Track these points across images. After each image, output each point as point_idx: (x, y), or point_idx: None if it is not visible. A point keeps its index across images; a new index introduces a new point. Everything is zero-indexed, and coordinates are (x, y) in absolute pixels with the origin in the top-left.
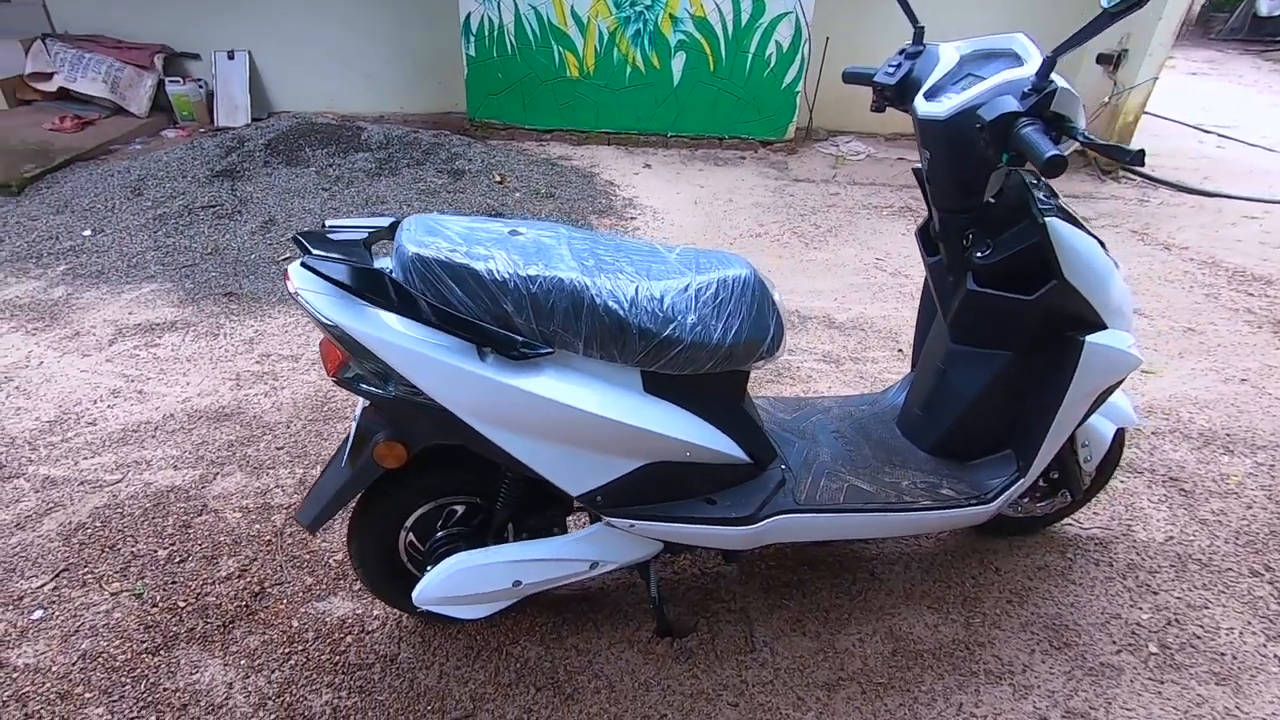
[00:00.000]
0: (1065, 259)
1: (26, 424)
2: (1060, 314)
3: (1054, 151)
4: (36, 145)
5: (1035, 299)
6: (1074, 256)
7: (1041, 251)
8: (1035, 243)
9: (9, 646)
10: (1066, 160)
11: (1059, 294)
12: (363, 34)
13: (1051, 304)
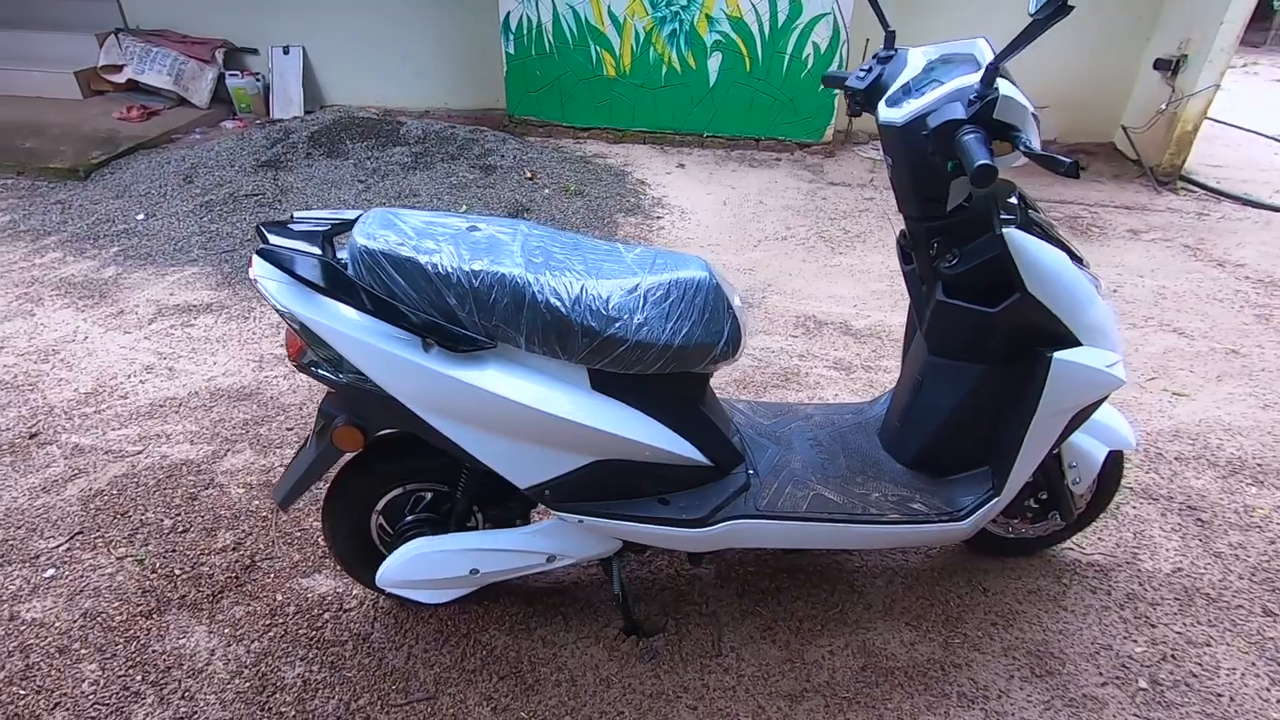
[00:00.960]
0: (1026, 272)
1: (66, 394)
2: (1028, 328)
3: (983, 161)
4: (105, 133)
5: (999, 312)
6: (1036, 270)
7: (1004, 263)
8: (997, 255)
9: (21, 601)
10: (996, 170)
11: (1023, 308)
12: (411, 31)
13: (1017, 318)
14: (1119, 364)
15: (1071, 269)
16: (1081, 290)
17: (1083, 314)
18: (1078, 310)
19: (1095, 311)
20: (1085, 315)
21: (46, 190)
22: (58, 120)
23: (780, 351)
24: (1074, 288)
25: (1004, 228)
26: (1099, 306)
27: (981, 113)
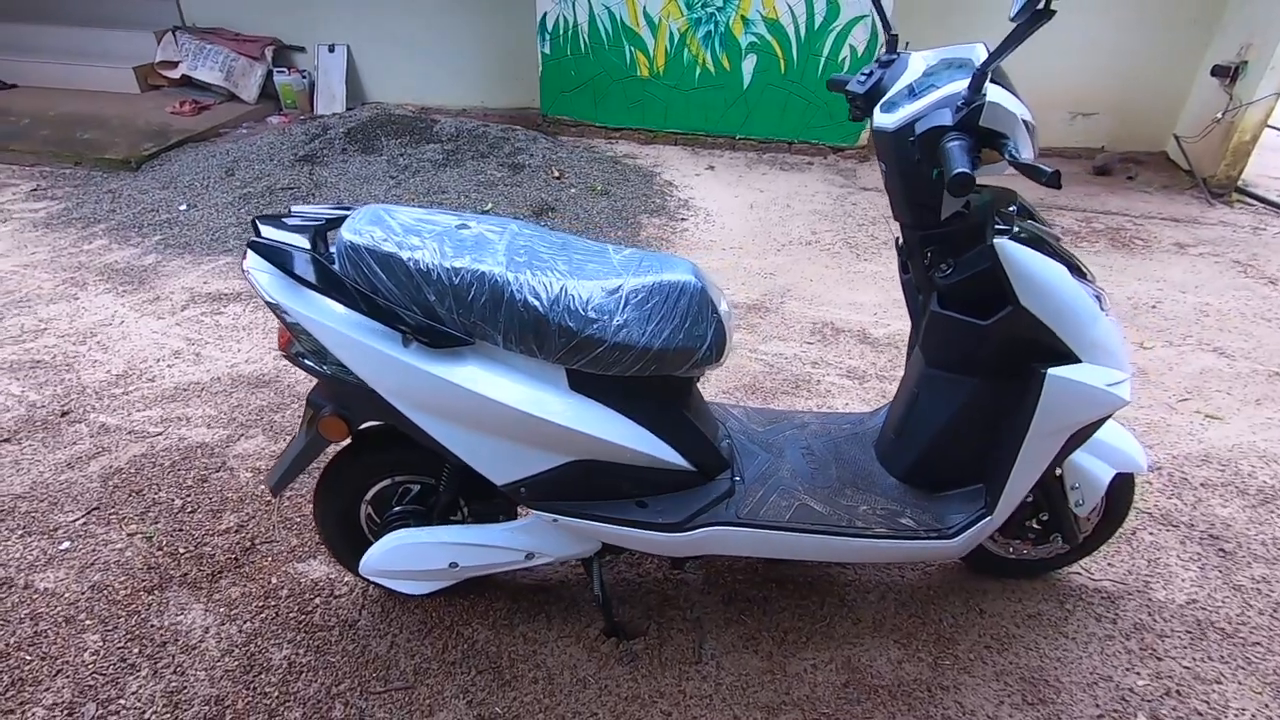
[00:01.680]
0: (1019, 284)
1: (99, 375)
2: (1022, 343)
3: (960, 169)
4: (158, 126)
5: (991, 324)
6: (1029, 282)
7: (997, 275)
8: (990, 266)
9: (36, 570)
10: (973, 179)
11: (1016, 321)
12: (451, 31)
13: (1010, 331)
14: (1123, 383)
15: (1070, 283)
16: (1080, 305)
17: (1081, 329)
18: (1075, 325)
19: (1096, 327)
20: (1084, 331)
21: (100, 180)
22: (115, 113)
23: (793, 358)
24: (1071, 302)
25: (995, 238)
26: (1101, 322)
27: (967, 119)
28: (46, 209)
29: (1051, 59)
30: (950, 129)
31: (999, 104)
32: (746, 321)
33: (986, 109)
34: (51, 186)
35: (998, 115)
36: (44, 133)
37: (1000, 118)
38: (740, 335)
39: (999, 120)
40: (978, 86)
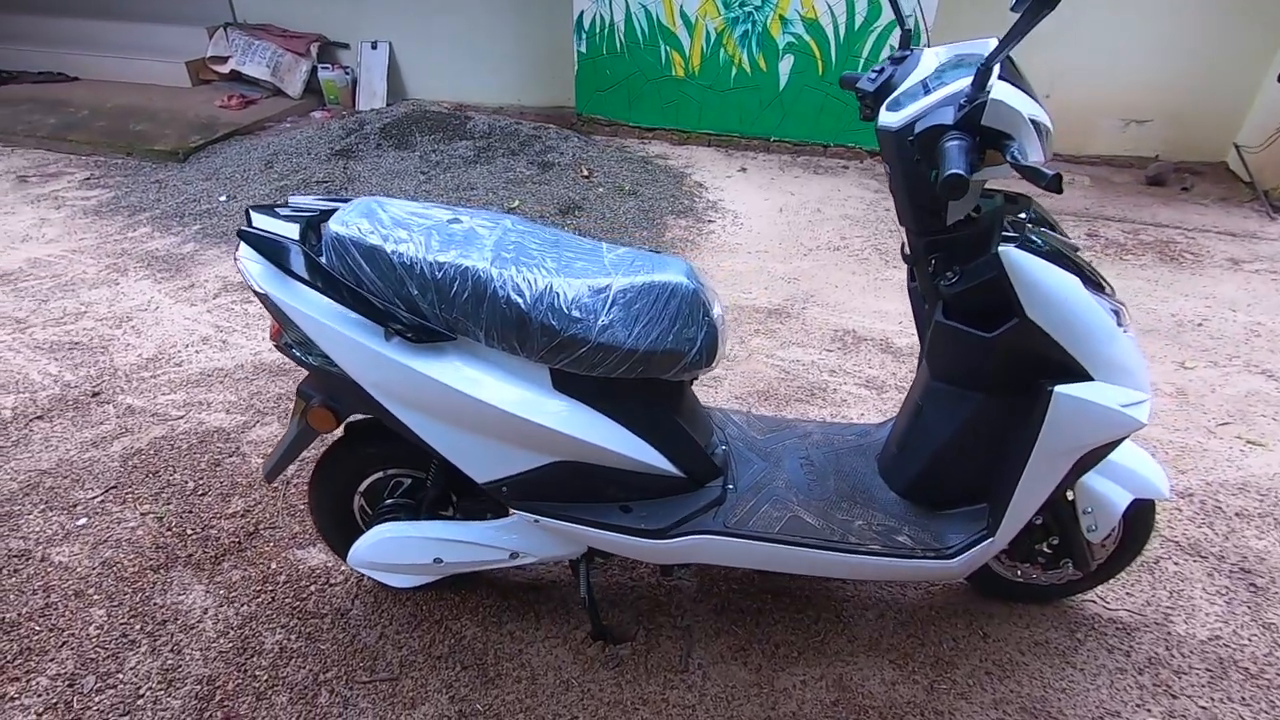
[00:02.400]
0: (1025, 295)
1: (130, 359)
2: (1029, 357)
3: (952, 170)
4: (205, 119)
5: (995, 337)
6: (1037, 294)
7: (1002, 285)
8: (996, 275)
9: (53, 544)
10: (967, 182)
11: (1022, 334)
12: (489, 30)
13: (1015, 345)
14: (1140, 405)
15: (1083, 296)
16: (1093, 319)
17: (1094, 345)
18: (1087, 341)
19: (1111, 344)
20: (1097, 347)
21: (149, 170)
22: (166, 106)
23: (811, 365)
24: (1083, 316)
25: (1001, 245)
26: (1117, 339)
27: (969, 118)
28: (97, 197)
29: (1103, 61)
30: (950, 128)
31: (1003, 102)
32: (766, 327)
33: (989, 107)
34: (104, 175)
35: (1001, 114)
36: (100, 124)
37: (1004, 116)
38: (758, 340)
39: (1003, 119)
40: (981, 83)
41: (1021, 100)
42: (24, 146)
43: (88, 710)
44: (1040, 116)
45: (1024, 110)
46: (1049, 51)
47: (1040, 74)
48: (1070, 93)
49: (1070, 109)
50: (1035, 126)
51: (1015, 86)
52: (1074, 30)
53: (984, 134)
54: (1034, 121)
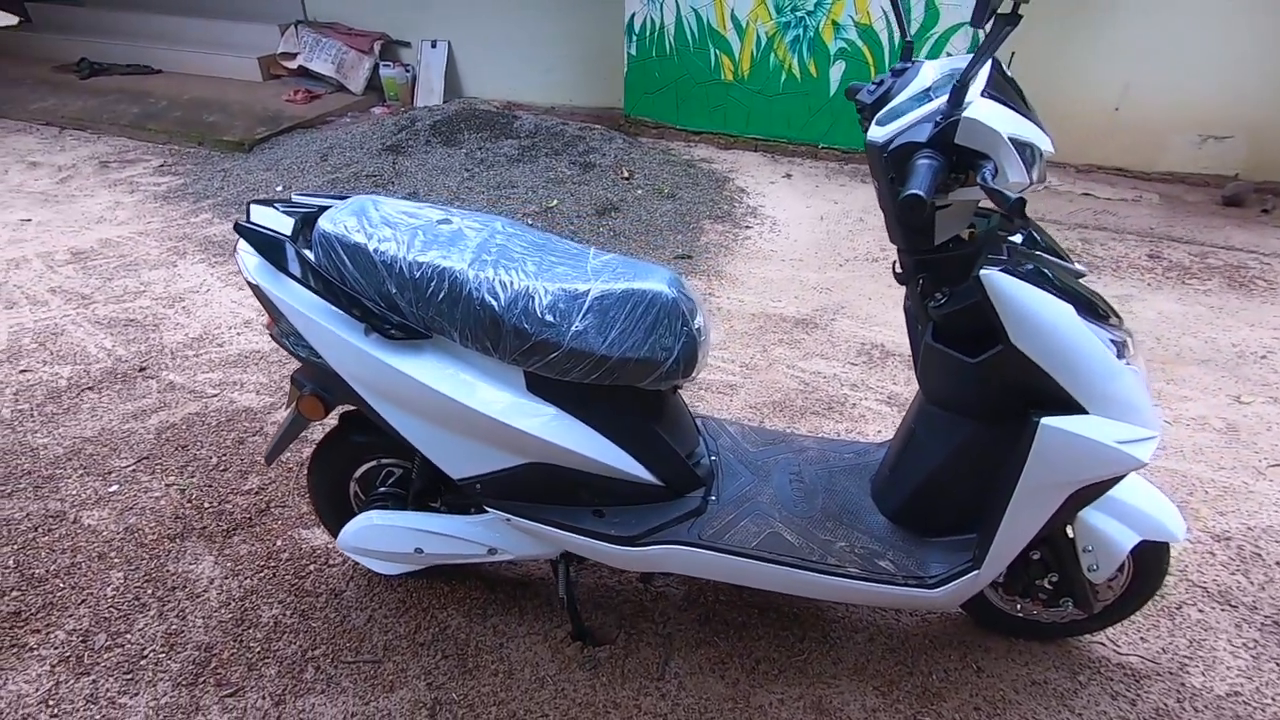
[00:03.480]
0: (1009, 320)
1: (178, 337)
2: (1015, 385)
3: (911, 190)
4: (272, 113)
5: (978, 363)
6: (1023, 320)
7: (985, 309)
8: (979, 299)
9: (85, 507)
10: (925, 203)
11: (1007, 361)
12: (544, 31)
13: (1000, 372)
14: (1142, 443)
15: (1074, 324)
16: (1087, 350)
17: (1086, 377)
18: (1079, 372)
19: (1108, 377)
20: (1090, 379)
21: (217, 159)
22: (237, 99)
23: (832, 378)
24: (1075, 346)
25: (983, 268)
26: (1115, 372)
27: (942, 136)
28: (168, 184)
29: (1178, 73)
30: (923, 146)
31: (977, 120)
32: (791, 337)
33: (962, 125)
34: (176, 163)
35: (976, 132)
36: (176, 114)
37: (979, 135)
38: (781, 350)
39: (978, 138)
40: (956, 101)
41: (1002, 119)
42: (108, 134)
43: (96, 665)
44: (1027, 136)
45: (1002, 129)
46: (1117, 63)
47: (1108, 87)
48: (1141, 106)
49: (1140, 123)
50: (1021, 146)
51: (1005, 104)
52: (1145, 40)
53: (960, 153)
54: (1018, 141)
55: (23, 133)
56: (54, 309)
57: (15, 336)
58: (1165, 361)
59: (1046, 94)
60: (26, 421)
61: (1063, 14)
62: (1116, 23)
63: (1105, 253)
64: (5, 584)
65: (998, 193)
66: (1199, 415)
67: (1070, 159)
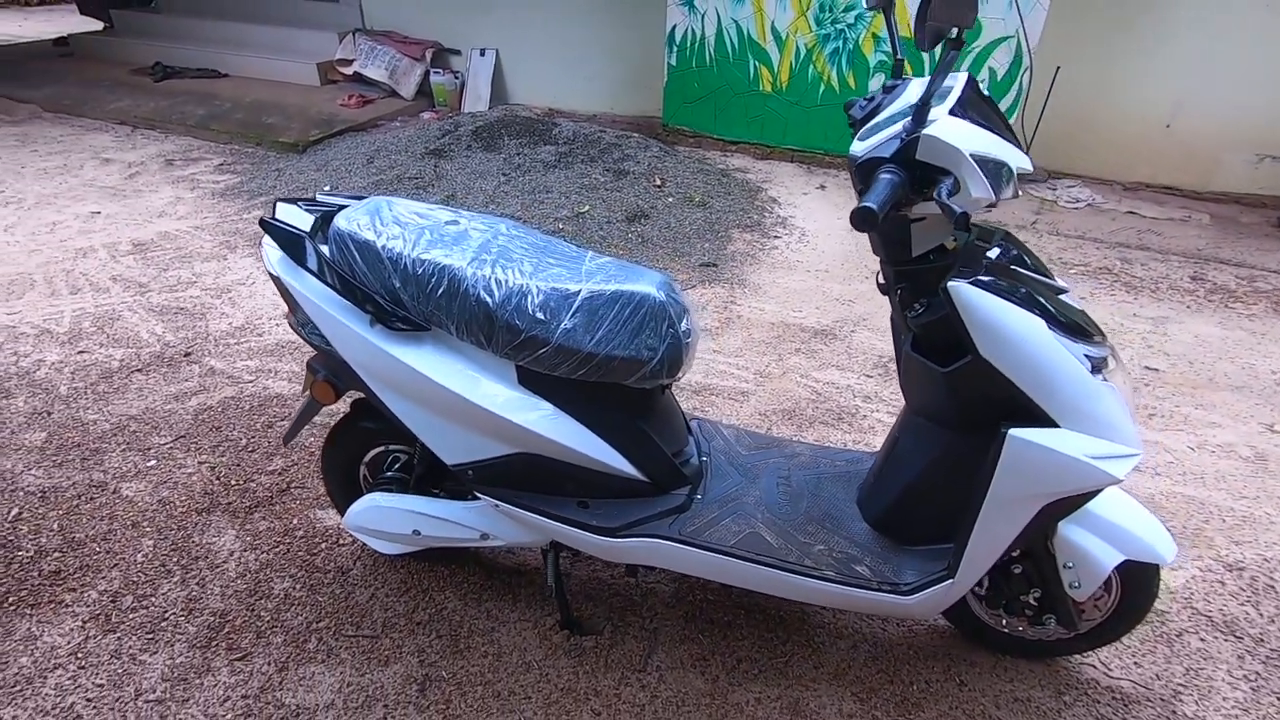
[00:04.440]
0: (976, 332)
1: (222, 326)
2: (987, 397)
3: (865, 203)
4: (327, 116)
5: (949, 372)
6: (989, 331)
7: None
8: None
9: (125, 479)
10: (874, 213)
11: (977, 371)
12: (587, 40)
13: (971, 382)
14: (1119, 460)
15: (1044, 337)
16: (1057, 363)
17: (1057, 391)
18: (1048, 385)
19: (1080, 392)
20: (1060, 393)
21: (272, 159)
22: (295, 102)
23: (845, 389)
24: (1045, 359)
25: (950, 280)
26: (1088, 387)
27: (905, 152)
28: (226, 181)
29: (1233, 90)
30: (887, 161)
31: (937, 138)
32: (808, 347)
33: (922, 142)
34: (235, 162)
35: (936, 149)
36: (238, 116)
37: (940, 152)
38: (796, 359)
39: (938, 155)
40: (919, 119)
41: (965, 137)
42: (175, 133)
43: (122, 624)
44: (994, 153)
45: (963, 147)
46: (1168, 79)
47: (1158, 103)
48: (1193, 124)
49: (1193, 141)
50: (987, 163)
51: (976, 123)
52: (1198, 55)
53: (924, 168)
54: (983, 158)
55: (99, 130)
56: (113, 296)
57: (77, 320)
58: (1196, 386)
59: (1093, 110)
60: (80, 398)
61: (1111, 28)
62: (1167, 37)
63: (1145, 273)
64: (49, 545)
65: (946, 207)
66: (1226, 442)
67: (1117, 176)
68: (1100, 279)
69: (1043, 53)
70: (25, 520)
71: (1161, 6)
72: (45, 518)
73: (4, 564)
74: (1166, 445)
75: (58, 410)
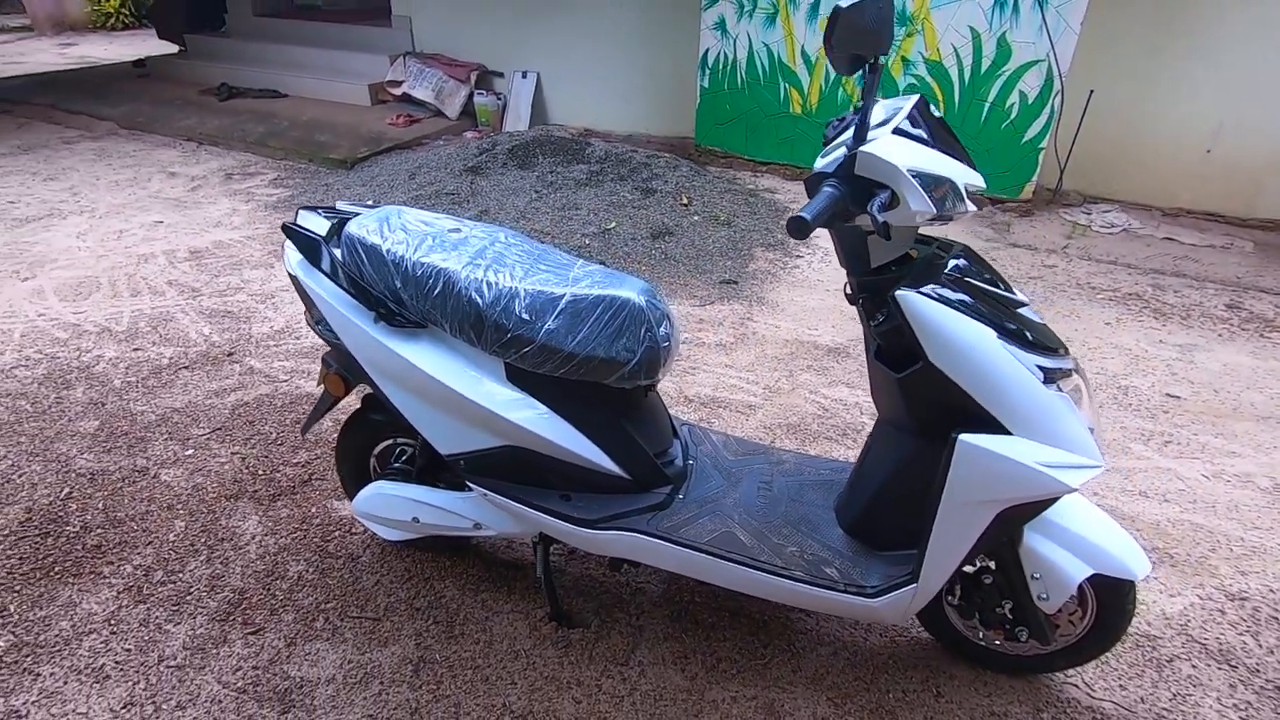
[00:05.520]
0: (925, 339)
1: (264, 329)
2: (939, 403)
3: (795, 213)
4: (375, 134)
5: (902, 378)
6: (937, 339)
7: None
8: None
9: (164, 466)
10: (805, 222)
11: (928, 378)
12: (624, 64)
13: (921, 389)
14: (1074, 470)
15: (992, 346)
16: (1006, 371)
17: (1006, 399)
18: (998, 393)
19: (1030, 400)
20: (1010, 401)
21: (323, 175)
22: (347, 121)
23: (853, 406)
24: (993, 367)
25: (898, 289)
26: (1038, 396)
27: (845, 168)
28: (278, 195)
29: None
30: (830, 176)
31: (873, 154)
32: (819, 364)
33: (859, 159)
34: (288, 177)
35: (873, 165)
36: (294, 134)
37: (877, 168)
38: (806, 376)
39: (875, 170)
40: (859, 137)
41: (903, 154)
42: (237, 149)
43: (151, 596)
44: (935, 169)
45: (900, 163)
46: (1208, 101)
47: (1198, 126)
48: (1235, 149)
49: (1235, 166)
50: (927, 179)
51: (920, 141)
52: (1239, 77)
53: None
54: (922, 174)
55: (168, 146)
56: (169, 299)
57: (134, 320)
58: (1219, 415)
59: (1129, 134)
60: (132, 391)
61: (1146, 51)
62: (1207, 58)
63: (1177, 300)
64: (94, 522)
65: (873, 217)
66: (1244, 472)
67: (1156, 202)
68: (1128, 304)
69: (1076, 76)
70: (74, 499)
71: (1199, 29)
72: (92, 497)
73: (53, 537)
74: (1179, 472)
75: (111, 401)
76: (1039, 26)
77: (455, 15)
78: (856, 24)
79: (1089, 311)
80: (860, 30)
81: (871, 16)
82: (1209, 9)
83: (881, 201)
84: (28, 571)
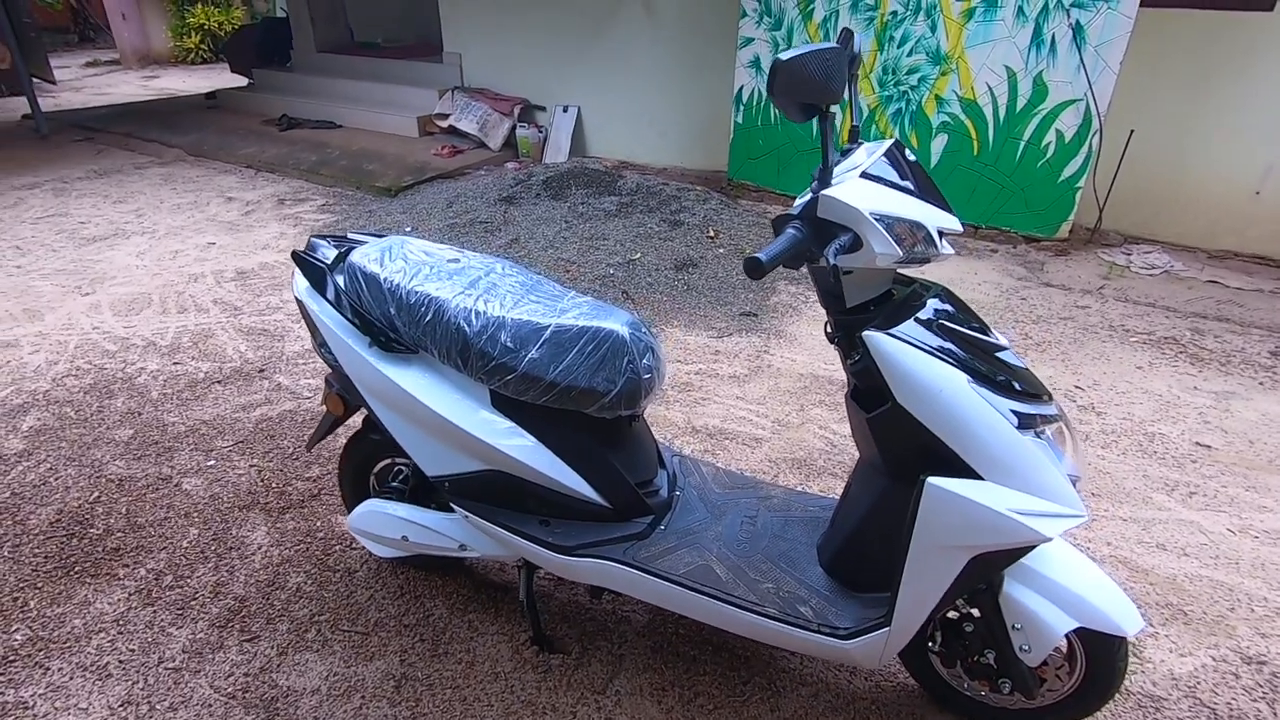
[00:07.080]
0: (892, 380)
1: (295, 348)
2: (909, 444)
3: (752, 254)
4: (420, 164)
5: (871, 418)
6: (905, 381)
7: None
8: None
9: (186, 475)
10: (760, 263)
11: (897, 418)
12: (660, 99)
13: (890, 430)
14: (1049, 518)
15: (963, 390)
16: (977, 416)
17: (977, 444)
18: (968, 438)
19: (1003, 446)
20: (981, 446)
21: (368, 202)
22: (394, 151)
23: None
24: (964, 411)
25: (866, 330)
26: (1012, 442)
27: (808, 210)
28: (325, 220)
29: None
30: (794, 218)
31: (834, 198)
32: (832, 400)
33: (820, 202)
34: (336, 203)
35: (834, 209)
36: (344, 162)
37: (838, 211)
38: (818, 411)
39: (837, 214)
40: (823, 180)
41: (866, 197)
42: (290, 176)
43: (159, 600)
44: (902, 213)
45: (862, 206)
46: (1256, 142)
47: (1246, 167)
48: None
49: None
50: (891, 222)
51: (888, 185)
52: None
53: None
54: (885, 217)
55: (228, 173)
56: (211, 316)
57: (178, 335)
58: (1252, 467)
59: (1173, 174)
60: (167, 403)
61: (1189, 91)
62: (1252, 100)
63: (1217, 345)
64: (115, 525)
65: (825, 259)
66: (1275, 529)
67: (1200, 243)
68: (1163, 349)
69: (1116, 115)
70: (102, 503)
71: (1245, 69)
72: (117, 502)
73: (78, 539)
74: (1202, 525)
75: (146, 411)
76: (1076, 66)
77: (503, 52)
78: (800, 74)
79: (1120, 354)
80: (805, 80)
81: (816, 69)
82: (1254, 49)
83: (840, 244)
84: (51, 570)
